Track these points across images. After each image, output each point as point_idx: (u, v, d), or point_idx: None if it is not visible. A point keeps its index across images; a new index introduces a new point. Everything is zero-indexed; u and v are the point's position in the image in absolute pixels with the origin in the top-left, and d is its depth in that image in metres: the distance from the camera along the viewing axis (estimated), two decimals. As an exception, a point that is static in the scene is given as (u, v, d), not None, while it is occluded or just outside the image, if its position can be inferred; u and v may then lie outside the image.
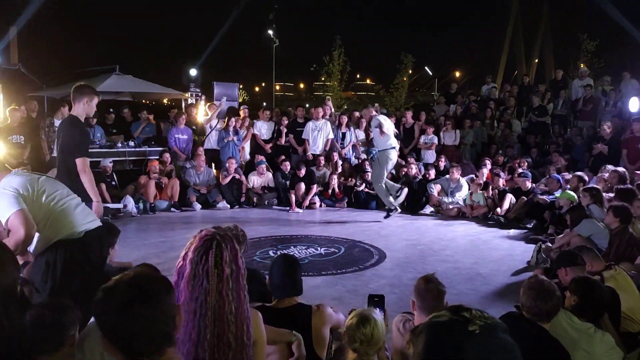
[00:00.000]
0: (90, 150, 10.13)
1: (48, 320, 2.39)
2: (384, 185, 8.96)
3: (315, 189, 10.52)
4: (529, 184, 9.45)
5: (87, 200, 4.27)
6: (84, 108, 4.69)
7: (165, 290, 1.53)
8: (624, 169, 7.84)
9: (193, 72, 13.19)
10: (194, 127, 11.54)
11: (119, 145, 10.64)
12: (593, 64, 21.24)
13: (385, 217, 9.12)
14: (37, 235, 3.24)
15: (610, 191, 7.03)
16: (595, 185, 7.13)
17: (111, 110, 11.91)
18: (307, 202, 10.36)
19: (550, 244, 6.60)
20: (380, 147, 8.96)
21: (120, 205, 9.31)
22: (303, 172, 10.45)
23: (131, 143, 10.85)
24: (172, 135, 11.11)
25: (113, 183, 10.03)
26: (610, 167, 8.30)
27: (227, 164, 10.58)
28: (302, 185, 10.41)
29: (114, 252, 3.96)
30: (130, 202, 9.44)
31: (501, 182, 10.08)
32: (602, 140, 10.42)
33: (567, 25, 32.26)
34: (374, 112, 9.42)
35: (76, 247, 3.33)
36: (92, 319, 2.80)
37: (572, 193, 8.09)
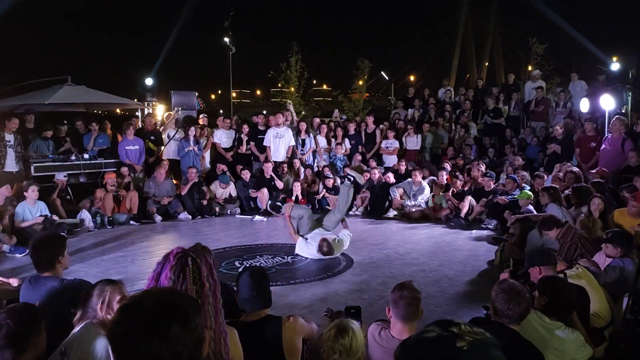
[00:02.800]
0: (43, 164, 9.86)
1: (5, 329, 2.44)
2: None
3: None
4: (492, 184, 9.69)
5: None
6: None
7: (197, 310, 1.37)
8: (578, 169, 8.13)
9: (149, 81, 12.87)
10: (152, 137, 11.25)
11: (73, 158, 10.23)
12: (543, 67, 22.05)
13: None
14: None
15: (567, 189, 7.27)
16: (553, 185, 7.34)
17: (65, 122, 11.49)
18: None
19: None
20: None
21: (76, 221, 8.98)
22: (270, 168, 10.72)
23: (86, 155, 10.45)
24: (122, 147, 10.71)
25: (68, 197, 9.67)
26: (570, 164, 8.58)
27: (188, 174, 10.38)
28: (266, 191, 10.44)
29: (65, 260, 3.70)
30: (87, 216, 9.11)
31: (459, 183, 10.27)
32: (554, 141, 10.77)
33: (515, 29, 33.37)
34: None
35: None
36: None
37: (529, 192, 8.33)
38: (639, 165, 8.03)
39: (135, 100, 14.53)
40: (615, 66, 11.78)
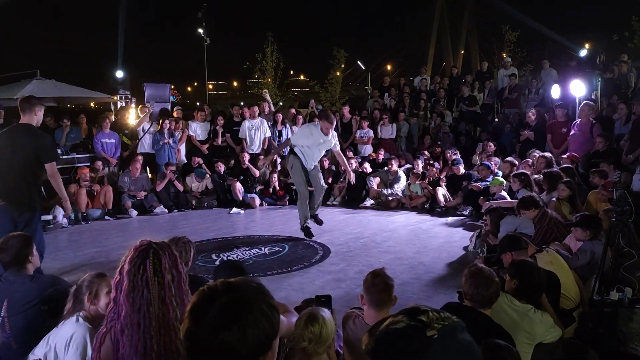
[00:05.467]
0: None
1: None
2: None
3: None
4: (462, 169, 9.83)
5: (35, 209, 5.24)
6: (36, 118, 5.26)
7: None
8: (550, 154, 8.25)
9: (119, 74, 12.64)
10: (126, 131, 11.09)
11: (45, 153, 10.02)
12: (516, 54, 22.31)
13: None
14: None
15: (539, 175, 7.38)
16: (524, 171, 7.45)
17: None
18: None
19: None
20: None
21: (49, 217, 8.78)
22: (246, 158, 10.63)
23: (58, 150, 10.22)
24: (98, 140, 10.53)
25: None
26: (537, 152, 8.72)
27: (167, 173, 10.24)
28: (239, 184, 10.41)
29: (35, 259, 3.67)
30: (59, 212, 8.94)
31: (434, 171, 10.36)
32: (527, 127, 10.91)
33: (490, 17, 33.66)
34: None
35: None
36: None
37: (501, 179, 8.46)
38: (607, 150, 8.20)
39: (110, 94, 14.29)
40: (584, 52, 11.99)
